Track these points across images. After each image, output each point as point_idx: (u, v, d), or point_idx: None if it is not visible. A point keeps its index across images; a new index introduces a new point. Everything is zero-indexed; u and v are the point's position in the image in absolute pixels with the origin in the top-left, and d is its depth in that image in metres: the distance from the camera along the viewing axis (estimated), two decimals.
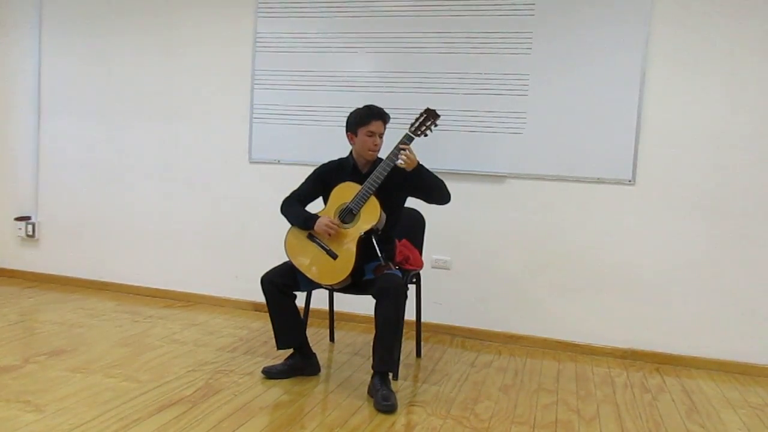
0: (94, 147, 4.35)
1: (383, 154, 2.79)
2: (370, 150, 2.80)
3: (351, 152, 2.90)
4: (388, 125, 2.85)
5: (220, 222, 4.12)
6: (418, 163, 2.71)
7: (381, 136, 2.81)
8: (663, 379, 3.17)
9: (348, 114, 2.86)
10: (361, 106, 2.86)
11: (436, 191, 2.77)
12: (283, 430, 2.32)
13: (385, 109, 2.85)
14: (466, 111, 3.59)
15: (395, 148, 2.72)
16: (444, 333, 3.73)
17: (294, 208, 2.89)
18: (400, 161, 2.68)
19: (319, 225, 2.76)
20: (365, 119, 2.78)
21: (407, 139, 2.73)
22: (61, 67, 4.39)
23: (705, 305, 3.37)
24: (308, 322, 3.20)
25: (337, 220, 2.76)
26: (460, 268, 3.71)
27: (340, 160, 2.96)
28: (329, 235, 2.74)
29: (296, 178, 3.11)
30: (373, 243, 2.73)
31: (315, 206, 2.91)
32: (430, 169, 2.76)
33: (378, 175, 2.71)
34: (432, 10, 3.61)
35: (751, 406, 2.87)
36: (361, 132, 2.79)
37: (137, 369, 2.86)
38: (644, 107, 3.38)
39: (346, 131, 2.86)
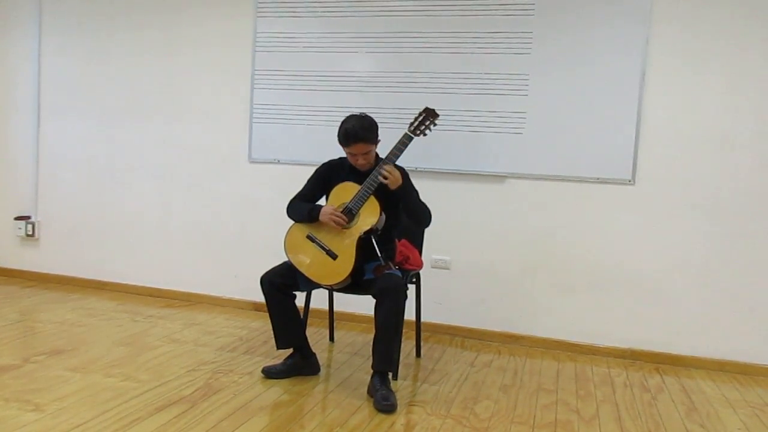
0: (93, 146, 4.35)
1: (385, 151, 2.79)
2: (357, 167, 2.81)
3: None
4: (387, 124, 2.86)
5: (219, 221, 4.12)
6: (403, 182, 2.73)
7: (366, 154, 2.76)
8: (662, 379, 3.17)
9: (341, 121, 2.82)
10: (361, 106, 2.86)
11: (414, 215, 2.80)
12: (282, 429, 2.32)
13: (382, 110, 2.83)
14: (465, 111, 3.59)
15: (393, 149, 2.73)
16: (444, 333, 3.73)
17: (298, 205, 2.88)
18: (384, 180, 2.68)
19: (323, 214, 2.74)
20: (343, 142, 2.75)
21: (407, 139, 2.75)
22: (60, 67, 4.39)
23: (705, 305, 3.37)
24: (308, 321, 3.20)
25: (340, 212, 2.75)
26: (460, 268, 3.70)
27: (341, 158, 2.96)
28: (334, 223, 2.73)
29: (296, 177, 3.11)
30: (372, 243, 2.73)
31: None
32: (417, 190, 2.80)
33: (376, 175, 2.71)
34: (432, 9, 3.60)
35: (751, 405, 2.87)
36: (345, 151, 2.79)
37: (137, 368, 2.86)
38: (644, 107, 3.37)
39: None
